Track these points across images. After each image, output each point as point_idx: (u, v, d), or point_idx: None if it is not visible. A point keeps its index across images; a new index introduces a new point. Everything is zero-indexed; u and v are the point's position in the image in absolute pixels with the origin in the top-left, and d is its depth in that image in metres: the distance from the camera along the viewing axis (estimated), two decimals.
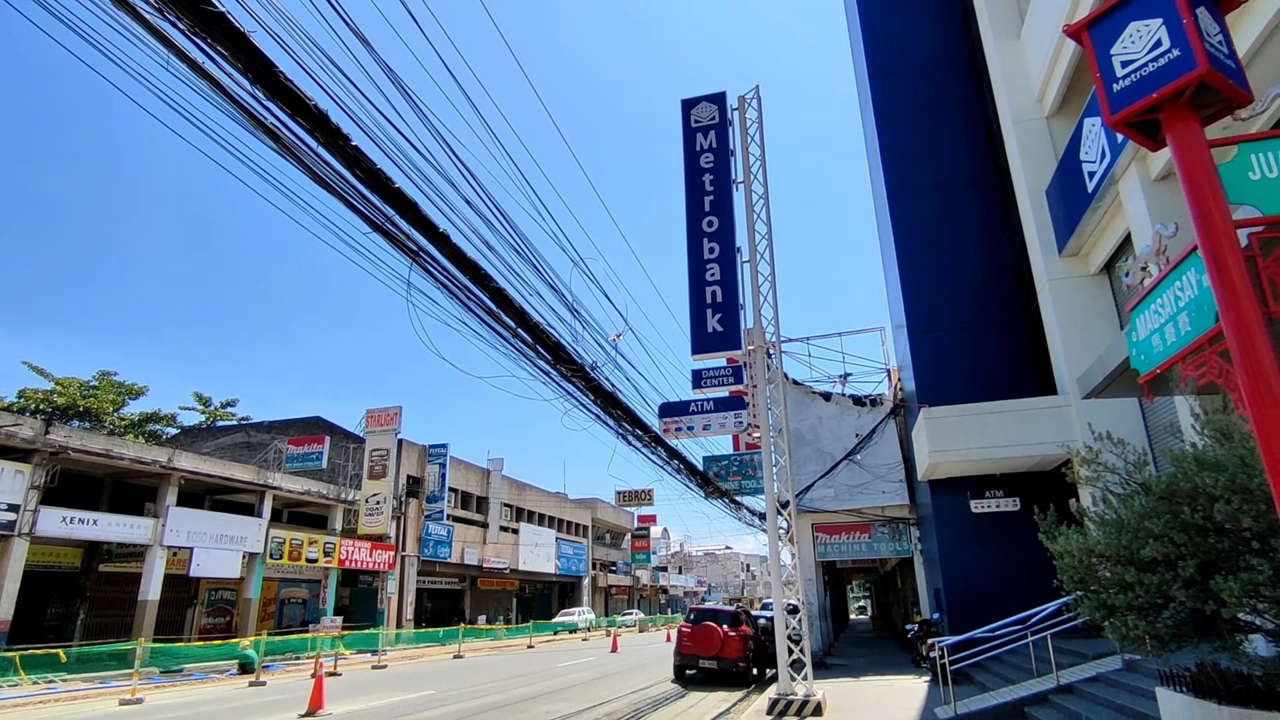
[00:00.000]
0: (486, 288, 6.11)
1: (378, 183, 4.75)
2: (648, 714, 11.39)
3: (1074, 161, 12.58)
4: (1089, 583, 3.96)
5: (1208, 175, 2.16)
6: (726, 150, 13.53)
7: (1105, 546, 3.75)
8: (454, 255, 5.67)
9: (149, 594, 20.92)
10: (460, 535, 35.97)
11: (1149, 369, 3.73)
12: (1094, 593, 3.93)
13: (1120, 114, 3.00)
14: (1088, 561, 3.89)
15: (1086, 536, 3.93)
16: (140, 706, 12.96)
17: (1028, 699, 9.09)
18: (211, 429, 38.86)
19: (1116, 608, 3.76)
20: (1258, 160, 3.39)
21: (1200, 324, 3.19)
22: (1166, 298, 3.58)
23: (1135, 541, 3.58)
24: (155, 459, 21.20)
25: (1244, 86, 2.73)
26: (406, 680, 16.73)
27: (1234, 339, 2.26)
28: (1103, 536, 3.81)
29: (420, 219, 5.17)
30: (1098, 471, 4.14)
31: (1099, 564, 3.86)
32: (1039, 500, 14.47)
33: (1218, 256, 2.03)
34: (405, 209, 5.01)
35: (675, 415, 12.10)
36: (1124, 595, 3.68)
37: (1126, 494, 3.98)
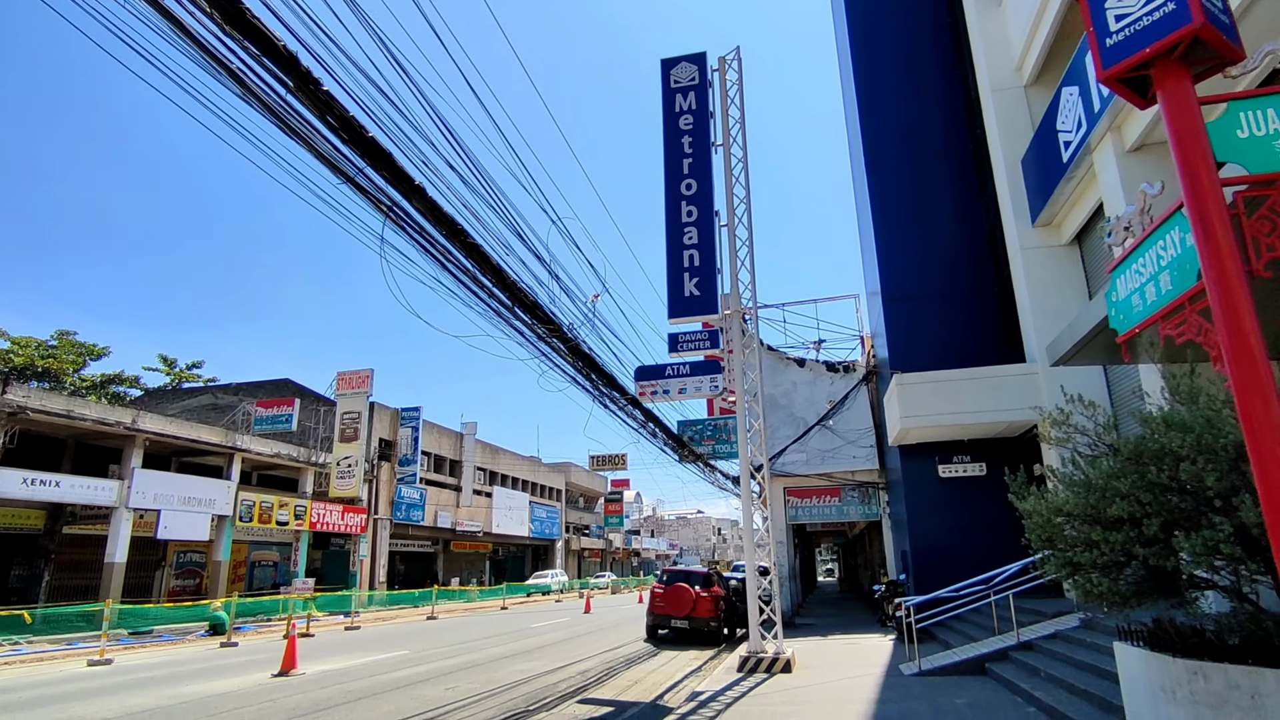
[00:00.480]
0: (463, 244, 5.95)
1: (351, 131, 4.56)
2: (621, 672, 11.58)
3: (1050, 131, 12.63)
4: (1055, 541, 4.06)
5: (1197, 133, 2.15)
6: (706, 112, 13.33)
7: (1073, 505, 3.84)
8: (430, 210, 5.50)
9: (115, 556, 20.65)
10: (433, 498, 35.95)
11: (1128, 328, 3.78)
12: (1060, 551, 4.03)
13: (1113, 69, 2.98)
14: (1055, 520, 3.98)
15: (1055, 496, 4.02)
16: (109, 667, 12.87)
17: (989, 655, 9.40)
18: (177, 391, 38.12)
19: (1081, 565, 3.86)
20: (1247, 118, 3.39)
21: (1182, 283, 3.23)
22: (1149, 257, 3.61)
23: (1102, 501, 3.67)
24: (119, 420, 20.76)
25: (1236, 43, 2.71)
26: (380, 641, 16.80)
27: (1216, 297, 2.27)
28: (1071, 496, 3.90)
29: (395, 170, 4.98)
30: (1068, 433, 4.22)
31: (1065, 523, 3.95)
32: (1004, 465, 14.71)
33: (1203, 214, 2.03)
34: (379, 160, 4.82)
35: (651, 379, 12.11)
36: (1089, 553, 3.78)
37: (1094, 455, 4.06)
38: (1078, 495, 3.83)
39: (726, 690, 8.88)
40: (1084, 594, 4.06)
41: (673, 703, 8.91)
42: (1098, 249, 12.87)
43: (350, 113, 4.50)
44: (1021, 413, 13.19)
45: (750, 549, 11.40)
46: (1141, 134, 10.03)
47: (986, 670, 9.14)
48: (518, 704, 8.75)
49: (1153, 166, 10.33)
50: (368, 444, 30.84)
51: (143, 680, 11.07)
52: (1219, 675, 3.98)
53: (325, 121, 4.45)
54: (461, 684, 10.20)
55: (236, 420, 29.95)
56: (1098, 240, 12.82)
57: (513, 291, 6.93)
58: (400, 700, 8.96)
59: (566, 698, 9.26)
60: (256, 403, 30.62)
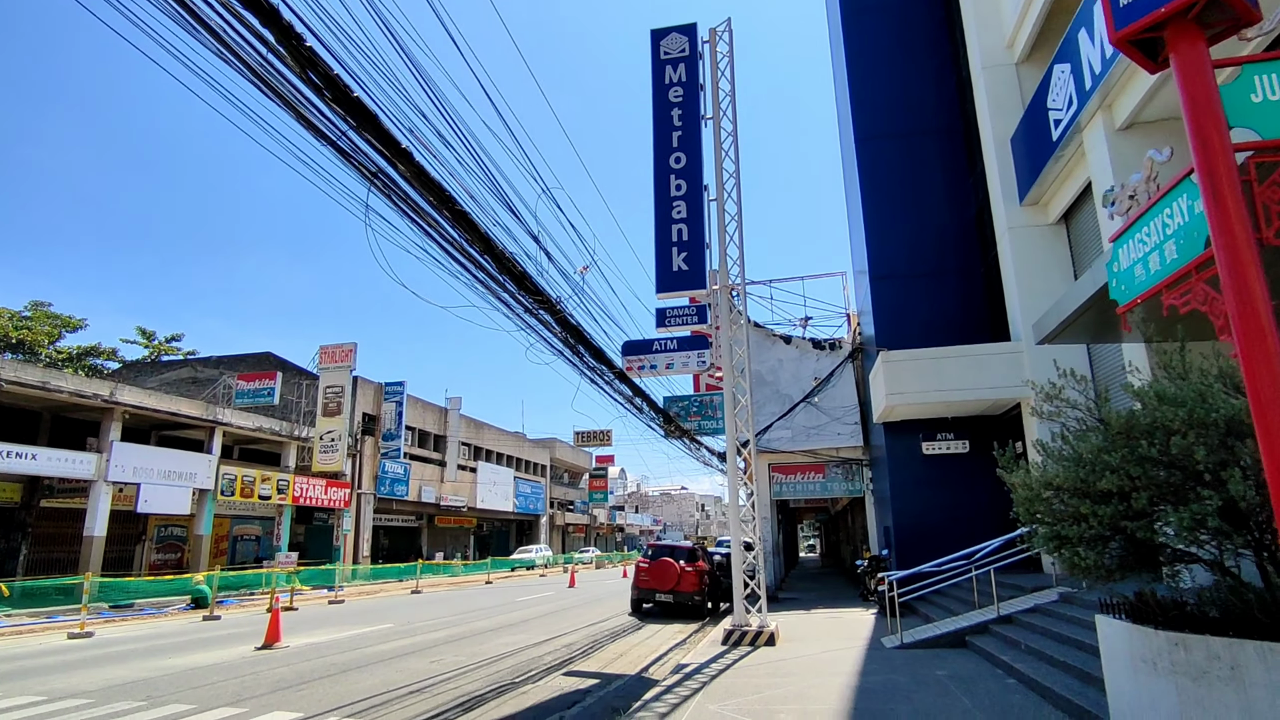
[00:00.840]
0: (451, 211, 5.81)
1: (335, 89, 4.38)
2: (606, 645, 11.66)
3: (1040, 109, 12.59)
4: (1043, 515, 4.08)
5: (1209, 96, 2.10)
6: (696, 85, 13.15)
7: (1063, 479, 3.85)
8: (416, 174, 5.35)
9: (95, 530, 20.44)
10: (418, 473, 35.87)
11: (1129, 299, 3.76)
12: (1048, 524, 4.05)
13: (1125, 30, 2.91)
14: (1044, 494, 3.99)
15: (1044, 470, 4.03)
16: (90, 640, 12.77)
17: (969, 629, 9.54)
18: (156, 364, 37.58)
19: (1069, 538, 3.88)
20: (1261, 82, 3.33)
21: (1188, 251, 3.20)
22: (1154, 225, 3.58)
23: (1092, 474, 3.68)
24: (96, 392, 20.43)
25: (1253, 3, 2.65)
26: (364, 614, 16.80)
27: (1225, 264, 2.24)
28: (1061, 470, 3.91)
29: (381, 133, 4.82)
30: (1059, 407, 4.22)
31: (1054, 497, 3.97)
32: (987, 443, 14.89)
33: (1214, 180, 1.99)
34: (365, 120, 4.66)
35: (639, 354, 12.05)
36: (1077, 526, 3.80)
37: (1085, 430, 4.07)
38: (1068, 469, 3.84)
39: (712, 663, 8.95)
40: (1070, 567, 4.09)
41: (658, 675, 8.98)
42: (1085, 228, 12.91)
43: (335, 71, 4.33)
44: (1006, 391, 13.30)
45: (736, 524, 11.45)
46: (1132, 112, 10.01)
47: (967, 643, 9.28)
48: (503, 676, 8.78)
49: (1142, 145, 10.32)
50: (351, 418, 30.63)
51: (124, 653, 11.00)
52: (1200, 647, 4.04)
53: (308, 80, 4.27)
54: (447, 657, 10.22)
55: (217, 394, 29.61)
56: (1085, 220, 12.86)
57: (500, 261, 6.80)
58: (385, 673, 8.96)
59: (552, 670, 9.31)
60: (238, 376, 30.26)
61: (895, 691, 7.02)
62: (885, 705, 6.49)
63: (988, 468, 14.77)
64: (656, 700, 6.98)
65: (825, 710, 6.36)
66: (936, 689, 7.06)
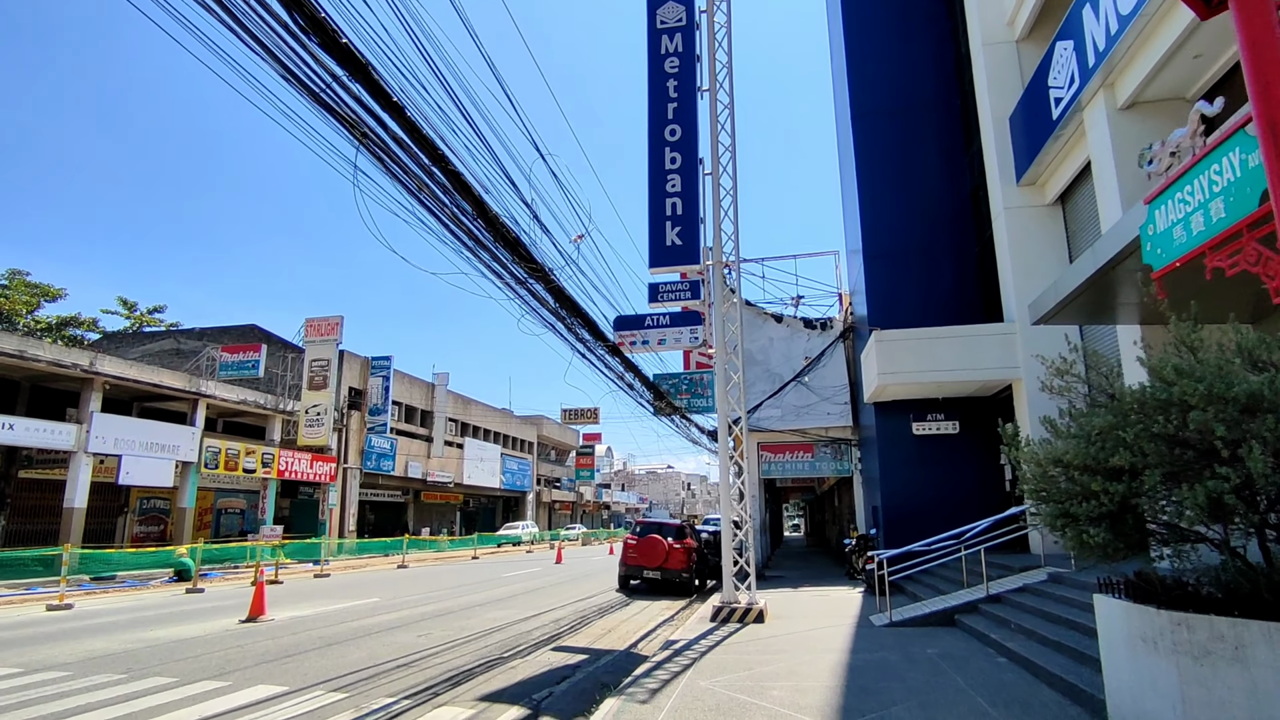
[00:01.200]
0: (444, 170, 5.58)
1: (323, 34, 4.12)
2: (594, 621, 11.63)
3: (1041, 87, 12.43)
4: (1050, 492, 4.00)
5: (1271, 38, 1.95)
6: (693, 55, 12.88)
7: (1073, 456, 3.76)
8: (409, 130, 5.12)
9: (75, 501, 20.16)
10: (404, 448, 35.68)
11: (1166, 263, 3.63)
12: (1055, 502, 3.97)
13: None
14: (1051, 471, 3.91)
15: (1055, 446, 3.94)
16: (69, 612, 12.59)
17: (958, 607, 9.56)
18: (138, 335, 37.00)
19: (1077, 517, 3.81)
20: None
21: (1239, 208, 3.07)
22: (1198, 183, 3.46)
23: (1103, 451, 3.59)
24: (76, 362, 20.05)
25: None
26: (350, 588, 16.71)
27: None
28: (1071, 446, 3.82)
29: (372, 84, 4.56)
30: (1069, 382, 4.12)
31: (1062, 474, 3.88)
32: (977, 424, 15.01)
33: (1274, 129, 1.85)
34: (355, 68, 4.41)
35: (631, 329, 11.89)
36: (1086, 504, 3.72)
37: (1096, 406, 3.97)
38: (1078, 445, 3.75)
39: (701, 639, 8.92)
40: (1077, 546, 4.02)
41: (647, 651, 8.94)
42: (1082, 209, 12.83)
43: (323, 13, 4.07)
44: (998, 372, 13.28)
45: (726, 501, 11.40)
46: (1135, 90, 9.88)
47: (956, 622, 9.30)
48: (492, 651, 8.71)
49: (1144, 124, 10.22)
50: (337, 392, 30.34)
51: (105, 625, 10.84)
52: (1204, 627, 3.98)
53: (294, 22, 4.00)
54: (435, 631, 10.14)
55: (201, 366, 29.20)
56: (1082, 200, 12.76)
57: (494, 225, 6.58)
58: (372, 646, 8.87)
59: (540, 645, 9.25)
60: (221, 348, 29.83)
61: (887, 669, 7.00)
62: (877, 683, 6.46)
63: (977, 449, 14.94)
64: (647, 676, 6.93)
65: (817, 688, 6.32)
66: (928, 667, 7.05)
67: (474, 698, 6.42)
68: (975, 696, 5.95)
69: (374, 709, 5.95)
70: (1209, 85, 9.63)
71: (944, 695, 6.00)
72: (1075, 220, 13.15)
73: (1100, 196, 10.81)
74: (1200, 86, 9.74)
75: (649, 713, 5.65)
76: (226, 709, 5.93)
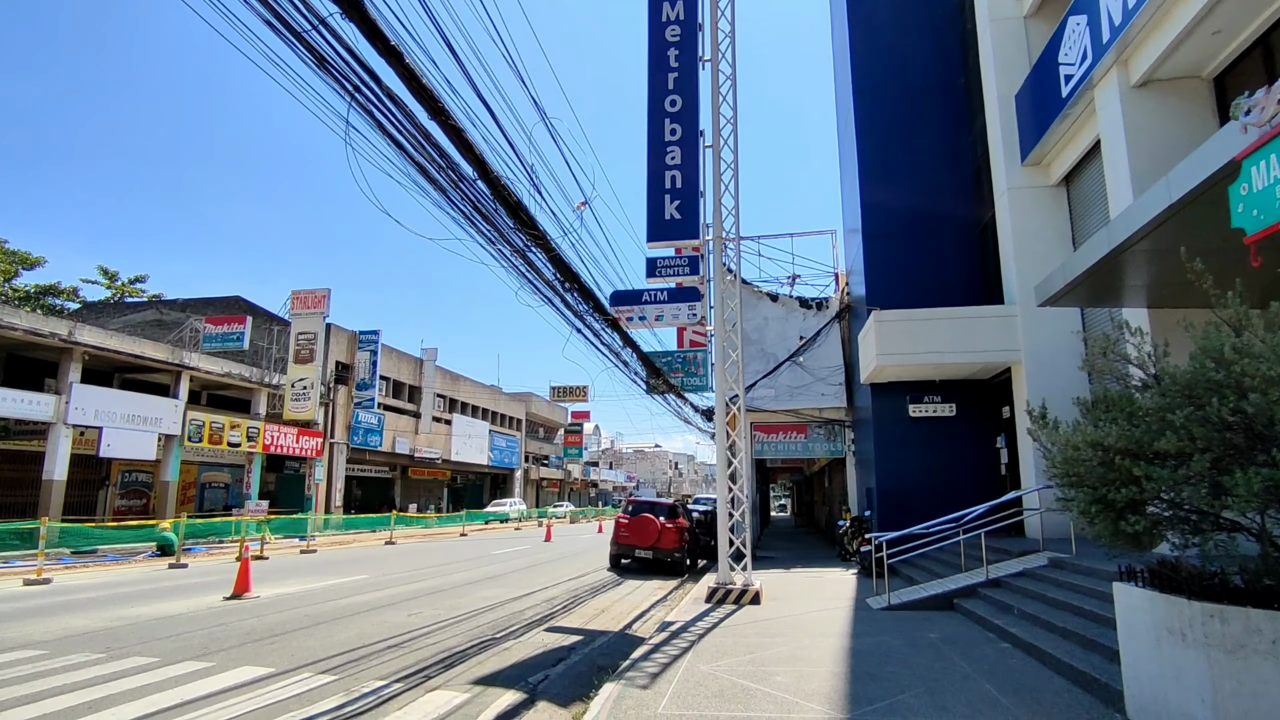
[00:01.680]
0: (445, 125, 5.24)
1: None
2: (587, 600, 11.48)
3: (1050, 64, 12.16)
4: (1085, 477, 3.80)
5: None
6: (695, 24, 12.49)
7: (1116, 438, 3.56)
8: (407, 78, 4.76)
9: (54, 474, 19.76)
10: (391, 424, 35.35)
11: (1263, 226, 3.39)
12: (1090, 487, 3.78)
13: None
14: (1089, 455, 3.71)
15: (1088, 428, 3.73)
16: (48, 587, 12.29)
17: (957, 591, 9.45)
18: (119, 305, 36.28)
19: (1115, 503, 3.62)
20: None
21: None
22: None
23: (1148, 434, 3.40)
24: (54, 331, 19.54)
25: None
26: (337, 565, 16.48)
27: None
28: (1114, 429, 3.62)
29: (368, 23, 4.20)
30: (1110, 362, 3.91)
31: (1100, 458, 3.68)
32: (974, 406, 14.91)
33: None
34: (349, 6, 4.06)
35: (628, 304, 11.62)
36: (1127, 490, 3.53)
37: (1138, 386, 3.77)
38: (1121, 428, 3.55)
39: (697, 621, 8.77)
40: (1110, 534, 3.84)
41: (642, 632, 8.79)
42: (1086, 191, 12.62)
43: None
44: (997, 354, 13.13)
45: (723, 480, 11.23)
46: (1150, 67, 9.62)
47: (955, 606, 9.20)
48: (484, 631, 8.52)
49: (1158, 104, 9.99)
50: (324, 366, 29.91)
51: (84, 601, 10.56)
52: (1239, 619, 3.83)
53: None
54: (425, 610, 9.94)
55: (184, 337, 28.64)
56: (1087, 182, 12.55)
57: (496, 188, 6.24)
58: (361, 625, 8.66)
59: (534, 625, 9.08)
60: (205, 320, 29.26)
61: (889, 654, 6.87)
62: (881, 668, 6.33)
63: (973, 432, 14.84)
64: (645, 659, 6.76)
65: (821, 673, 6.17)
66: (931, 652, 6.92)
67: (468, 680, 6.23)
68: (983, 683, 5.82)
69: (364, 692, 5.74)
70: (1227, 63, 9.40)
71: (951, 682, 5.86)
72: (1080, 202, 12.95)
73: (1110, 177, 10.58)
74: (1217, 65, 9.51)
75: (650, 699, 5.47)
76: (210, 691, 5.70)
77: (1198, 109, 9.86)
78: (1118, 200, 10.25)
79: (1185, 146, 9.79)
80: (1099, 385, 4.21)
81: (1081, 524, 4.24)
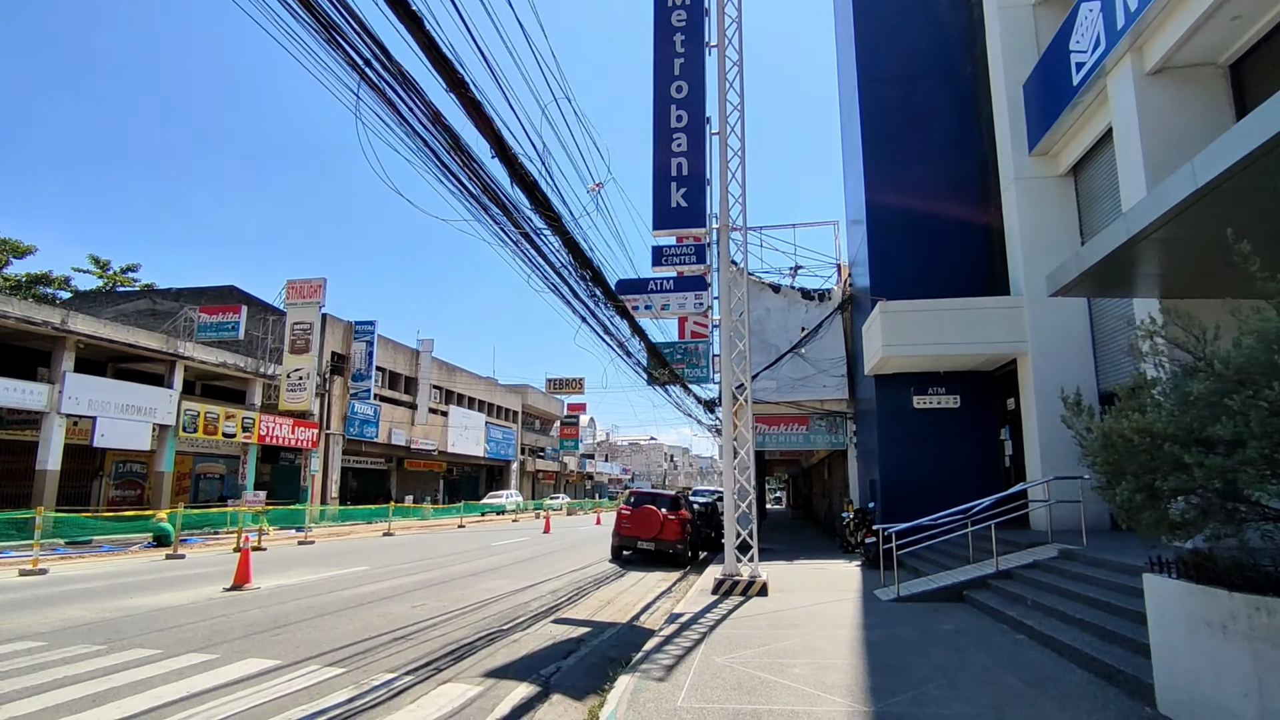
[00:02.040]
0: (463, 98, 5.05)
1: None
2: (591, 592, 11.37)
3: (1061, 52, 12.02)
4: (1127, 466, 3.69)
5: None
6: (701, 8, 12.32)
7: (1166, 425, 3.45)
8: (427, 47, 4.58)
9: (48, 464, 19.53)
10: (388, 415, 35.14)
11: None
12: (1134, 476, 3.67)
13: None
14: (1135, 441, 3.59)
15: (1144, 414, 3.62)
16: (44, 578, 12.11)
17: (967, 583, 9.38)
18: (112, 294, 35.90)
19: (1163, 492, 3.52)
20: None
21: None
22: None
23: (1199, 420, 3.29)
24: (47, 320, 19.26)
25: None
26: (336, 556, 16.33)
27: None
28: (1163, 415, 3.51)
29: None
30: (1159, 346, 3.80)
31: (1148, 445, 3.57)
32: (978, 398, 14.83)
33: None
34: None
35: (633, 293, 11.47)
36: (1176, 478, 3.43)
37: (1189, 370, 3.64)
38: (1171, 414, 3.44)
39: (706, 613, 8.67)
40: (1154, 524, 3.74)
41: (651, 624, 8.69)
42: (1095, 181, 12.52)
43: None
44: (1004, 345, 13.04)
45: (729, 471, 11.11)
46: (1166, 54, 9.50)
47: (965, 598, 9.12)
48: (491, 623, 8.40)
49: (1173, 92, 9.87)
50: (320, 357, 29.67)
51: (82, 592, 10.39)
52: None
53: None
54: (429, 602, 9.81)
55: (178, 327, 28.33)
56: (1097, 171, 12.45)
57: (513, 166, 6.05)
58: (366, 617, 8.52)
59: (540, 617, 8.97)
60: (200, 309, 28.94)
61: (904, 646, 6.78)
62: (899, 660, 6.23)
63: (977, 423, 14.77)
64: (658, 651, 6.65)
65: (839, 664, 6.07)
66: (946, 643, 6.83)
67: (479, 673, 6.11)
68: (1004, 674, 5.73)
69: (374, 685, 5.61)
70: (1244, 50, 9.28)
71: (971, 673, 5.77)
72: (1088, 192, 12.85)
73: (1122, 166, 10.47)
74: (1234, 51, 9.39)
75: (668, 691, 5.36)
76: (216, 684, 5.56)
77: (1213, 97, 9.75)
78: (1130, 189, 10.14)
79: (1200, 134, 9.69)
80: (1139, 371, 4.09)
81: (1120, 514, 4.13)
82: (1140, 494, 3.66)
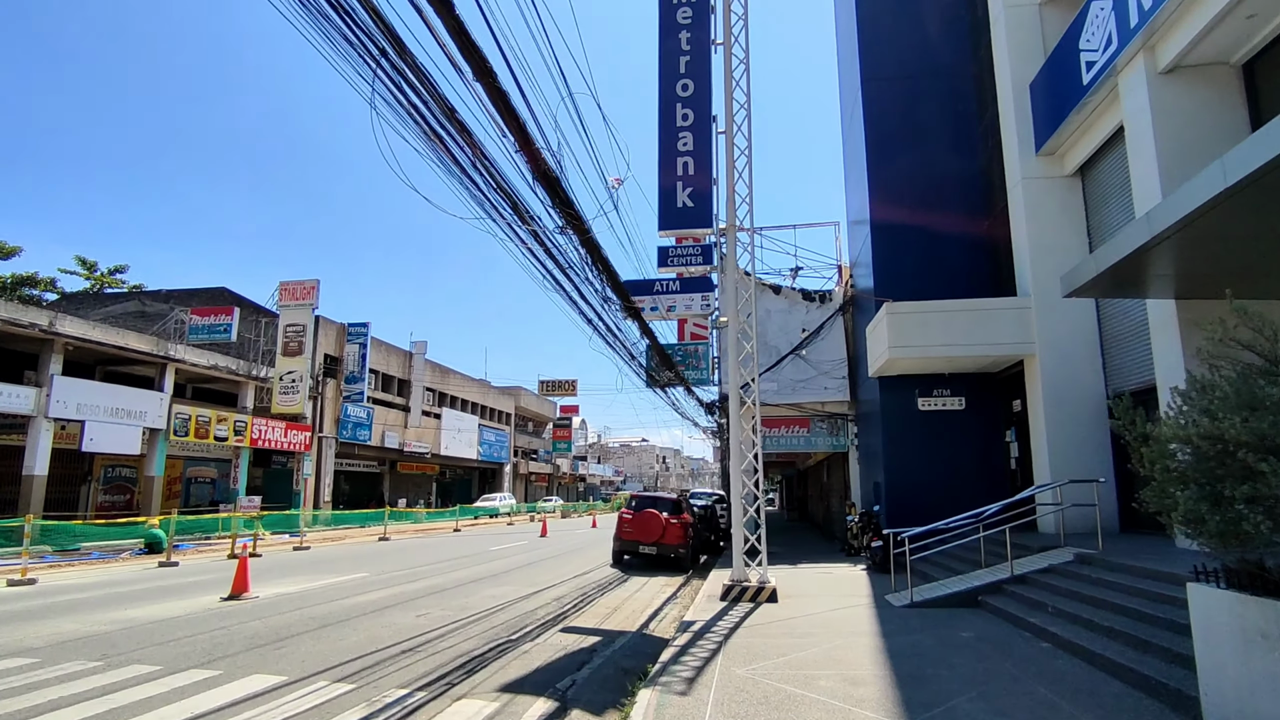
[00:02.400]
0: (488, 86, 4.82)
1: None
2: (596, 598, 11.16)
3: (1070, 51, 11.93)
4: (1190, 474, 3.54)
5: None
6: (707, 6, 12.15)
7: (1239, 431, 3.30)
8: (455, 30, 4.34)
9: (35, 469, 19.14)
10: (380, 418, 34.80)
11: None
12: (1199, 484, 3.52)
13: None
14: (1204, 448, 3.44)
15: (1214, 421, 3.47)
16: (33, 588, 11.78)
17: (981, 588, 9.23)
18: (100, 296, 35.41)
19: (1232, 500, 3.37)
20: None
21: None
22: None
23: (1274, 427, 3.14)
24: (34, 321, 18.88)
25: None
26: (333, 562, 16.05)
27: None
28: (1235, 421, 3.36)
29: None
30: (1225, 348, 3.64)
31: (1217, 452, 3.42)
32: (983, 400, 14.72)
33: None
34: None
35: (639, 294, 11.28)
36: (1246, 486, 3.28)
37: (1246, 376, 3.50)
38: (1244, 420, 3.29)
39: (718, 620, 8.49)
40: (1220, 535, 3.59)
41: (661, 632, 8.50)
42: (1103, 181, 12.43)
43: None
44: (1011, 347, 12.94)
45: (736, 474, 10.95)
46: (1180, 53, 9.41)
47: (980, 603, 8.98)
48: (499, 633, 8.18)
49: (1186, 91, 9.78)
50: (313, 359, 29.31)
51: (74, 603, 10.09)
52: None
53: None
54: (433, 610, 9.58)
55: (169, 329, 27.93)
56: (1104, 171, 12.36)
57: (535, 161, 5.83)
58: (370, 628, 8.28)
59: (548, 625, 8.76)
60: (191, 311, 28.53)
61: (926, 654, 6.62)
62: (924, 669, 6.07)
63: (983, 425, 14.65)
64: (675, 663, 6.46)
65: (864, 675, 5.90)
66: (969, 652, 6.68)
67: (493, 688, 5.90)
68: (1035, 685, 5.58)
69: (387, 702, 5.39)
70: (1258, 49, 9.20)
71: (1001, 684, 5.62)
72: (1095, 193, 12.75)
73: (1134, 166, 10.37)
74: (1248, 50, 9.30)
75: (692, 707, 5.17)
76: (221, 703, 5.32)
77: (1226, 96, 9.66)
78: (1143, 189, 10.04)
79: (1212, 134, 9.61)
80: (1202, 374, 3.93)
81: (1177, 522, 3.97)
82: (1205, 503, 3.51)
